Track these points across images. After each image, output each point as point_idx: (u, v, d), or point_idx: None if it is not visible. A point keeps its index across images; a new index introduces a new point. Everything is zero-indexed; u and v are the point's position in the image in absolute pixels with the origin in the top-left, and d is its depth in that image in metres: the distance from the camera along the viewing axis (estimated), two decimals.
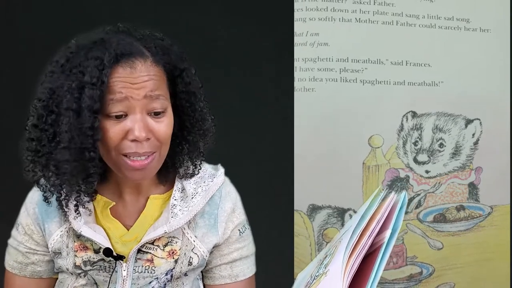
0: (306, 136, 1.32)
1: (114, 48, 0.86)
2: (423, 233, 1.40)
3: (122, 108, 0.86)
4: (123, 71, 0.86)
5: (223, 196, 0.99)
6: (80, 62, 0.86)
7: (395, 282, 1.39)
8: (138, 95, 0.86)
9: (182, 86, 0.93)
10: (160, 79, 0.89)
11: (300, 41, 1.31)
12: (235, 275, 1.00)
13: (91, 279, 0.97)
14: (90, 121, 0.84)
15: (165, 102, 0.89)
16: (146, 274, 0.96)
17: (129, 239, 0.96)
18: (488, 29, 1.36)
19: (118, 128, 0.87)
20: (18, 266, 1.00)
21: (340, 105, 1.32)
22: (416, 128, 1.35)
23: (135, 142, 0.87)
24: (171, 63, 0.92)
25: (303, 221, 1.35)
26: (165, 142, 0.91)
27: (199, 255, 0.97)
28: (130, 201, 0.98)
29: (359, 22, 1.31)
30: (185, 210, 0.95)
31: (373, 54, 1.32)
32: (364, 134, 1.33)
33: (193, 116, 0.94)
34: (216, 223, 0.98)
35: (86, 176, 0.88)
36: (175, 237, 0.96)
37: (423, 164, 1.37)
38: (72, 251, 0.96)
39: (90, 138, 0.85)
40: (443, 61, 1.35)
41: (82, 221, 0.94)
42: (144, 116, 0.87)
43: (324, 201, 1.34)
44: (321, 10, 1.30)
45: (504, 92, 1.38)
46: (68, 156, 0.86)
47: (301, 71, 1.31)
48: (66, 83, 0.85)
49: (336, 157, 1.33)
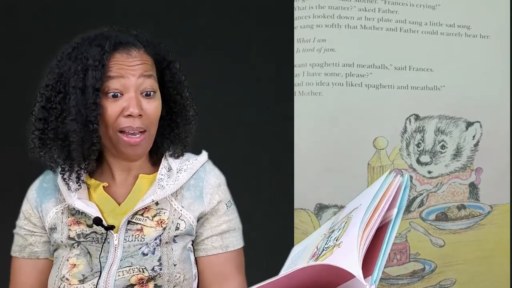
0: (313, 138, 1.35)
1: (114, 38, 1.01)
2: (426, 231, 1.43)
3: (118, 86, 1.00)
4: (120, 56, 1.00)
5: (208, 171, 1.08)
6: (85, 49, 1.00)
7: (398, 278, 1.42)
8: (134, 75, 1.00)
9: (170, 76, 1.06)
10: (151, 65, 1.03)
11: (308, 47, 1.34)
12: (226, 246, 1.06)
13: (84, 249, 1.04)
14: (93, 98, 0.98)
15: (155, 84, 1.02)
16: (136, 242, 1.02)
17: (120, 213, 1.04)
18: (488, 35, 1.39)
19: (115, 106, 1.00)
20: (18, 249, 1.09)
21: (346, 108, 1.35)
22: (419, 131, 1.38)
23: (129, 117, 1.00)
24: (160, 55, 1.05)
25: (310, 220, 1.38)
26: (154, 122, 1.03)
27: (185, 221, 1.04)
28: (121, 181, 1.07)
29: (364, 29, 1.34)
30: (171, 184, 1.04)
31: (377, 60, 1.35)
32: (369, 136, 1.36)
33: (180, 102, 1.07)
34: (202, 194, 1.05)
35: (91, 145, 1.00)
36: (163, 209, 1.04)
37: (425, 165, 1.39)
38: (66, 225, 1.05)
39: (94, 112, 0.98)
40: (444, 66, 1.38)
41: (75, 197, 1.04)
42: (137, 95, 1.00)
43: (331, 200, 1.37)
44: (328, 17, 1.33)
45: (503, 96, 1.41)
46: (76, 126, 0.99)
47: (308, 76, 1.34)
48: (73, 66, 0.99)
49: (342, 158, 1.36)
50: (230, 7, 1.54)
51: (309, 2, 1.33)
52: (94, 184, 1.07)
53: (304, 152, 1.35)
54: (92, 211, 1.03)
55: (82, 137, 0.99)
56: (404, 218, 1.40)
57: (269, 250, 1.09)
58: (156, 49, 1.05)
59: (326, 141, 1.35)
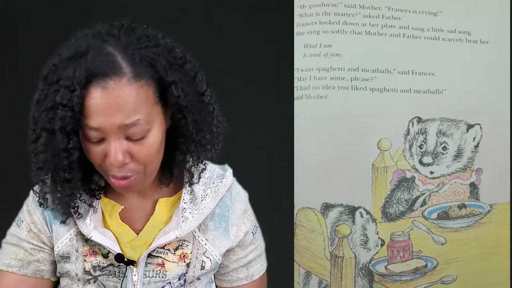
0: (320, 140, 1.37)
1: (86, 67, 0.78)
2: (428, 230, 1.45)
3: (98, 135, 0.80)
4: (95, 91, 0.78)
5: (234, 197, 0.95)
6: (58, 78, 0.79)
7: (402, 274, 1.44)
8: (112, 124, 0.79)
9: (173, 99, 0.84)
10: (138, 98, 0.80)
11: (314, 52, 1.37)
12: (251, 275, 0.99)
13: (101, 286, 0.92)
14: (64, 143, 0.79)
15: (146, 125, 0.81)
16: (157, 279, 0.91)
17: (138, 244, 0.91)
18: (487, 41, 1.42)
19: (98, 151, 0.82)
20: (18, 264, 0.92)
21: (351, 111, 1.37)
22: (421, 133, 1.40)
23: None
24: (156, 75, 0.82)
25: (317, 218, 1.40)
26: (148, 162, 0.84)
27: (211, 258, 0.93)
28: (137, 205, 0.93)
29: (369, 35, 1.37)
30: (195, 213, 0.90)
31: (381, 64, 1.38)
32: (373, 138, 1.39)
33: (186, 128, 0.86)
34: (228, 226, 0.94)
35: (67, 195, 0.84)
36: (185, 241, 0.92)
37: (427, 166, 1.41)
38: (82, 255, 0.91)
39: (65, 160, 0.80)
40: (446, 70, 1.40)
41: (92, 226, 0.89)
42: (120, 142, 0.81)
43: (337, 199, 1.39)
44: (334, 23, 1.36)
45: (503, 99, 1.43)
46: (42, 176, 0.83)
47: (315, 80, 1.36)
48: (45, 101, 0.80)
49: (347, 159, 1.38)
50: (229, 8, 1.54)
51: (316, 9, 1.35)
52: (108, 205, 0.92)
53: (308, 153, 1.37)
54: (111, 244, 0.88)
55: (53, 186, 0.84)
56: (407, 217, 1.43)
57: (269, 250, 1.06)
58: (150, 69, 0.81)
59: (332, 143, 1.37)
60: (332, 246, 1.40)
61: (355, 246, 1.41)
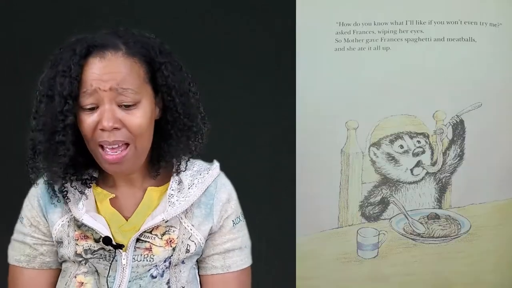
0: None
1: (90, 40, 0.91)
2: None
3: (92, 100, 0.90)
4: (93, 61, 0.89)
5: (219, 187, 1.00)
6: (61, 56, 0.91)
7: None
8: (105, 87, 0.89)
9: (162, 80, 0.93)
10: (131, 72, 0.91)
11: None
12: (228, 266, 1.01)
13: (92, 267, 0.98)
14: (61, 106, 0.88)
15: (136, 95, 0.91)
16: (145, 262, 0.97)
17: (128, 229, 0.97)
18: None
19: (90, 120, 0.90)
20: (26, 259, 1.01)
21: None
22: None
23: (105, 131, 0.90)
24: (148, 56, 0.93)
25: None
26: (138, 134, 0.92)
27: (196, 242, 0.99)
28: (127, 193, 0.99)
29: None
30: (182, 200, 0.97)
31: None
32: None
33: (174, 110, 0.95)
34: (212, 212, 0.99)
35: (56, 157, 0.91)
36: (172, 226, 0.98)
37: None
38: (73, 240, 0.97)
39: (61, 122, 0.89)
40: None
41: (83, 210, 0.96)
42: (112, 107, 0.90)
43: None
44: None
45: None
46: (41, 137, 0.91)
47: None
48: (48, 74, 0.91)
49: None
50: (228, 4, 1.54)
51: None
52: (100, 194, 0.99)
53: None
54: (101, 228, 0.95)
55: (48, 147, 0.91)
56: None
57: (270, 250, 1.08)
58: (143, 50, 0.93)
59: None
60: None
61: None
